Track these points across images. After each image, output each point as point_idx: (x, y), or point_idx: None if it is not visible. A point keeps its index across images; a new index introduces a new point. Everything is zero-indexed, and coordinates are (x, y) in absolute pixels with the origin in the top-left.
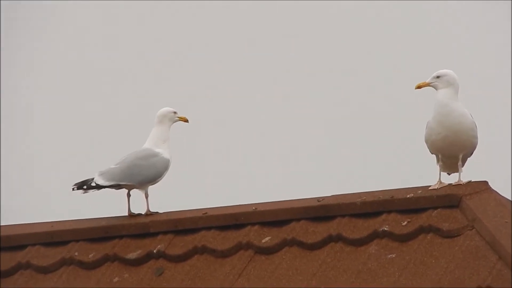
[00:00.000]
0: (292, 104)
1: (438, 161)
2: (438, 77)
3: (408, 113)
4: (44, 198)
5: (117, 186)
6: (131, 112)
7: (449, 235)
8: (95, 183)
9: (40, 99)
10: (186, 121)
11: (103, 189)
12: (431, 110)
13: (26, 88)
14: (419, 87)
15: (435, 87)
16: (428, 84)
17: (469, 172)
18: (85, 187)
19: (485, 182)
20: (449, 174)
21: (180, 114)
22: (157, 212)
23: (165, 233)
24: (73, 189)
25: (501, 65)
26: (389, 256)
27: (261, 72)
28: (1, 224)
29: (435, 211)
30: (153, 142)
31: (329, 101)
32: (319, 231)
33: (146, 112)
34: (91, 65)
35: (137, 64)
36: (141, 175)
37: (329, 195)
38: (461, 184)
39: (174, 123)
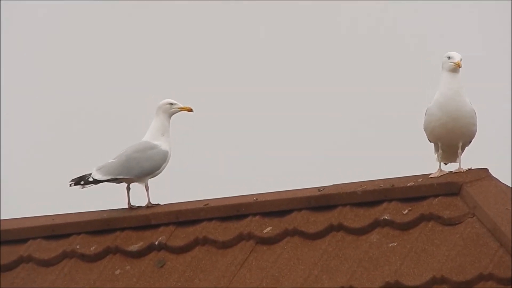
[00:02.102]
0: (292, 94)
1: (437, 149)
2: (460, 59)
3: (407, 100)
4: (45, 191)
5: (116, 180)
6: (136, 106)
7: (450, 223)
8: (93, 178)
9: (41, 93)
10: (190, 110)
11: (101, 184)
12: (419, 93)
13: (25, 82)
14: (460, 66)
15: (455, 70)
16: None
17: (469, 159)
18: (82, 182)
19: (486, 170)
20: (446, 164)
21: (180, 105)
22: (158, 204)
23: (166, 224)
24: (70, 185)
25: (501, 65)
26: (390, 245)
27: (259, 60)
28: (2, 218)
29: (436, 199)
30: (151, 135)
31: (329, 89)
32: (320, 220)
33: (149, 106)
34: (97, 61)
35: (141, 60)
36: (139, 168)
37: (330, 184)
38: (461, 172)
39: (175, 115)
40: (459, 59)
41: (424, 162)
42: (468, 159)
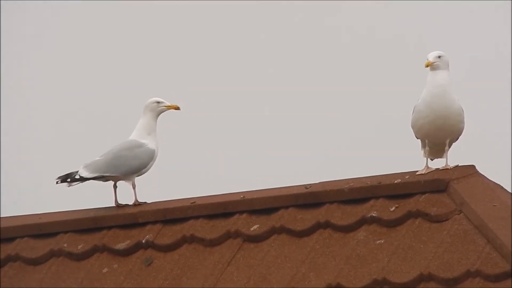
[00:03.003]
0: (292, 94)
1: (424, 146)
2: (439, 56)
3: (407, 100)
4: (32, 190)
5: (103, 178)
6: (136, 106)
7: (437, 219)
8: (79, 175)
9: (29, 92)
10: (177, 108)
11: (89, 181)
12: (419, 92)
13: (25, 81)
14: (428, 65)
15: (437, 67)
16: (433, 63)
17: (456, 156)
18: (69, 180)
19: (473, 166)
20: (432, 159)
21: (167, 103)
22: (145, 202)
23: (153, 223)
24: (57, 183)
25: (501, 65)
26: (377, 242)
27: (259, 61)
28: None
29: (423, 196)
30: (138, 134)
31: (329, 89)
32: (308, 218)
33: (139, 103)
34: (97, 60)
35: (141, 60)
36: (126, 166)
37: (317, 182)
38: (448, 169)
39: (163, 113)
40: (430, 58)
41: (423, 162)
42: (455, 156)
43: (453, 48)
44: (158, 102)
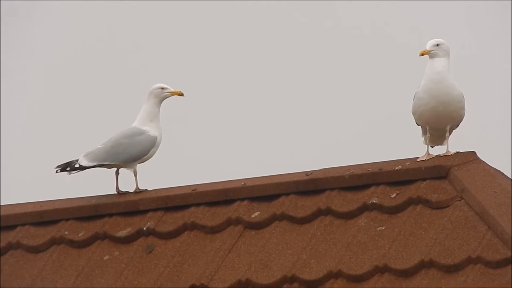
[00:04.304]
0: (279, 78)
1: (425, 132)
2: (437, 45)
3: (407, 100)
4: (33, 178)
5: (103, 166)
6: (125, 103)
7: (438, 206)
8: (79, 164)
9: (31, 78)
10: (181, 94)
11: (89, 169)
12: (420, 80)
13: (17, 71)
14: (423, 53)
15: (435, 55)
16: (429, 52)
17: (456, 142)
18: (68, 168)
19: (473, 153)
20: (432, 146)
21: (171, 89)
22: (146, 190)
23: (154, 210)
24: (56, 171)
25: (501, 63)
26: (378, 229)
27: (259, 60)
28: None
29: (424, 182)
30: (141, 121)
31: (330, 89)
32: (308, 205)
33: (140, 103)
34: (83, 57)
35: (141, 59)
36: (126, 154)
37: (318, 168)
38: (449, 155)
39: (167, 99)
40: (427, 47)
41: (424, 149)
42: (456, 143)
43: (453, 48)
44: (163, 88)
